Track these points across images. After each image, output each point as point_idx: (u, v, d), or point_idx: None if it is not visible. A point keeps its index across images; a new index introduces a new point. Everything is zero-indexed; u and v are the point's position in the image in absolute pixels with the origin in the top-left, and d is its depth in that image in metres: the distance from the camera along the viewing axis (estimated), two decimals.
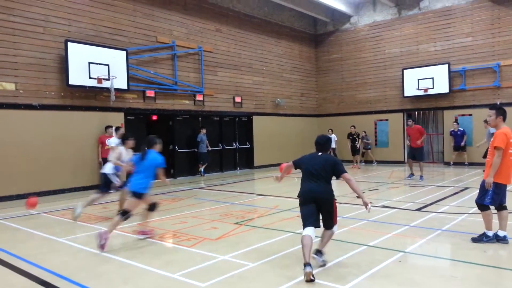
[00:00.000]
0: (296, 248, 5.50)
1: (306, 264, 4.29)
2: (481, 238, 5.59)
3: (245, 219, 7.42)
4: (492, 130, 12.84)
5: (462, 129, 16.43)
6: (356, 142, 17.59)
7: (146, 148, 6.27)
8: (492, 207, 5.63)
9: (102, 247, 5.56)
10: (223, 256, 5.22)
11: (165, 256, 5.48)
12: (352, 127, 17.96)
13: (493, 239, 5.54)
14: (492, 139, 5.50)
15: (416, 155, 12.78)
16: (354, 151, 17.60)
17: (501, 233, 5.56)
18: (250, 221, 7.25)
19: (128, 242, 6.34)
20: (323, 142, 5.03)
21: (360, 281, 4.28)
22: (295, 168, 5.16)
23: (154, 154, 6.20)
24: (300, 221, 4.86)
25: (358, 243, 5.65)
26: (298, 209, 4.99)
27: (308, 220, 4.62)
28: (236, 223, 7.10)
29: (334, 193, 4.77)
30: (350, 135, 17.86)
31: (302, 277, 4.32)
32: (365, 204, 4.61)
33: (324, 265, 4.74)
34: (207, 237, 6.24)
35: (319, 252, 4.80)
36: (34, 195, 10.84)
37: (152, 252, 5.58)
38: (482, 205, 5.57)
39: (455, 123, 16.58)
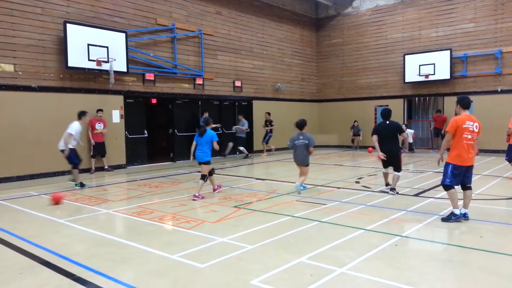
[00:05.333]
0: (294, 231, 5.57)
1: (386, 184, 8.48)
2: (450, 217, 6.00)
3: (244, 203, 7.47)
4: None
5: None
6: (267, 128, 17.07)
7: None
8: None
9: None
10: (221, 238, 5.28)
11: (164, 237, 5.54)
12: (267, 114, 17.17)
13: (460, 217, 5.96)
14: None
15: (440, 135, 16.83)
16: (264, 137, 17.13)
17: (462, 211, 6.02)
18: (249, 205, 7.31)
19: (128, 224, 6.40)
20: (387, 112, 8.20)
21: (356, 263, 4.34)
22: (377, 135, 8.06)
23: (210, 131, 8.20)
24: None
25: (355, 227, 5.71)
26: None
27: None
28: (235, 207, 7.15)
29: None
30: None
31: (300, 260, 4.40)
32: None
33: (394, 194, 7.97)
34: (206, 219, 6.29)
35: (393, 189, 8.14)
36: (34, 177, 10.97)
37: (152, 234, 5.64)
38: (444, 185, 6.07)
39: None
